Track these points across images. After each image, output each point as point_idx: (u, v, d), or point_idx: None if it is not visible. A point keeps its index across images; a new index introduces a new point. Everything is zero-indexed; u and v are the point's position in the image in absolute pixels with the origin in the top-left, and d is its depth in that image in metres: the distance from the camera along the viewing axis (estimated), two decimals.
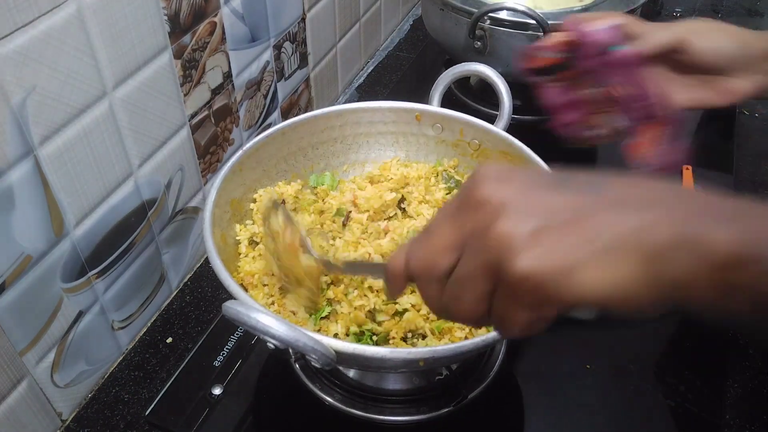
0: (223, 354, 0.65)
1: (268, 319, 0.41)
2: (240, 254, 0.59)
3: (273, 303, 0.55)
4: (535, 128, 0.93)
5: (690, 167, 0.83)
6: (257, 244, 0.60)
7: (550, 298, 0.30)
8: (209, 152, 0.74)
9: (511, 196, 0.31)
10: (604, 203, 0.31)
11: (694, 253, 0.28)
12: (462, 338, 0.53)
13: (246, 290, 0.54)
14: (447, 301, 0.34)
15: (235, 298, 0.46)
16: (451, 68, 0.70)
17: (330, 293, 0.55)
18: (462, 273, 0.33)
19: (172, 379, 0.64)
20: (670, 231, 0.29)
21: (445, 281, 0.34)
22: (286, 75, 0.86)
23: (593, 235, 0.29)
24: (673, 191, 0.31)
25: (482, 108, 0.92)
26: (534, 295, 0.30)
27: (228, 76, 0.73)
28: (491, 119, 0.67)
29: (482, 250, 0.31)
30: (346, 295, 0.54)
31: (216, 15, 0.67)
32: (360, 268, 0.52)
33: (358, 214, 0.62)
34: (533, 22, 0.80)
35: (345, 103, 1.03)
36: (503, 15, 0.82)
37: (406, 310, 0.53)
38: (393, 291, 0.38)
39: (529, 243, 0.30)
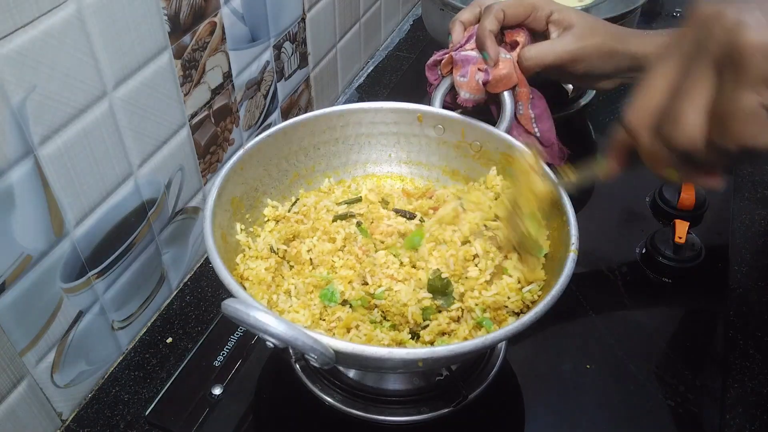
0: (223, 354, 0.65)
1: (267, 317, 0.41)
2: (240, 253, 0.59)
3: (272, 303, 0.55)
4: None
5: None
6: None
7: None
8: (209, 152, 0.74)
9: (729, 5, 0.31)
10: None
11: None
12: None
13: (245, 289, 0.54)
14: (665, 129, 0.33)
15: (234, 297, 0.46)
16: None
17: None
18: (685, 88, 0.32)
19: (172, 379, 0.64)
20: None
21: (670, 117, 0.33)
22: (286, 75, 0.86)
23: None
24: None
25: (480, 103, 0.92)
26: (766, 63, 0.29)
27: (228, 76, 0.73)
28: (492, 121, 0.67)
29: (707, 51, 0.31)
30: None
31: (216, 15, 0.67)
32: (585, 175, 0.52)
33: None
34: None
35: (345, 103, 1.03)
36: None
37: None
38: (614, 168, 0.41)
39: (759, 20, 0.29)
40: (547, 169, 0.58)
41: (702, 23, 0.32)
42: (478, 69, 0.65)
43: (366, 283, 0.55)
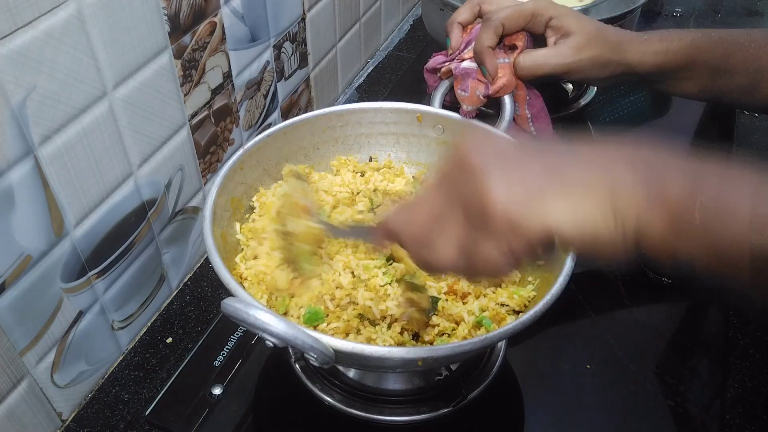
0: (223, 354, 0.65)
1: (267, 316, 0.41)
2: (239, 252, 0.59)
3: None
4: None
5: None
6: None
7: (520, 228, 0.34)
8: (209, 152, 0.74)
9: (487, 160, 0.36)
10: (574, 162, 0.36)
11: (651, 194, 0.33)
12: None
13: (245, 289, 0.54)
14: (425, 252, 0.39)
15: (234, 296, 0.46)
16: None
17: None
18: (441, 223, 0.38)
19: (172, 379, 0.64)
20: (632, 178, 0.34)
21: (428, 242, 0.39)
22: (286, 75, 0.86)
23: (563, 179, 0.35)
24: (634, 150, 0.36)
25: (481, 108, 0.92)
26: (506, 225, 0.34)
27: (228, 76, 0.73)
28: (491, 120, 0.67)
29: (461, 197, 0.37)
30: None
31: (216, 15, 0.67)
32: (355, 232, 0.53)
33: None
34: None
35: (345, 103, 1.03)
36: None
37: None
38: (377, 249, 0.47)
39: (505, 188, 0.35)
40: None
41: (466, 169, 0.37)
42: (479, 81, 0.65)
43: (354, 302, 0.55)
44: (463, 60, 0.67)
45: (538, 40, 0.67)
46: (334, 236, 0.54)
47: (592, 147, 0.37)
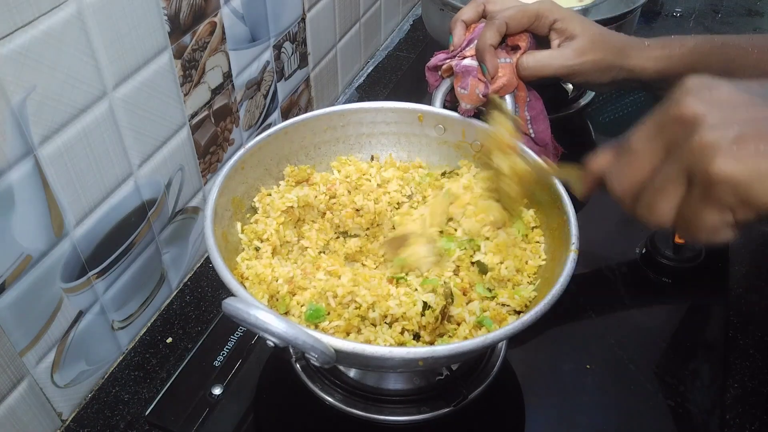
0: (223, 354, 0.65)
1: (268, 316, 0.41)
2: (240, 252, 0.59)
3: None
4: None
5: None
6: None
7: (749, 200, 0.31)
8: (209, 152, 0.74)
9: (712, 110, 0.33)
10: None
11: None
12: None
13: (245, 288, 0.54)
14: (640, 208, 0.37)
15: (235, 296, 0.46)
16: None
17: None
18: (660, 181, 0.35)
19: (172, 379, 0.63)
20: None
21: (645, 198, 0.37)
22: (286, 75, 0.86)
23: None
24: None
25: (481, 108, 0.92)
26: (733, 195, 0.31)
27: (228, 76, 0.73)
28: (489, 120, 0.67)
29: (682, 158, 0.33)
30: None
31: (216, 15, 0.67)
32: (563, 173, 0.52)
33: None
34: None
35: (345, 103, 1.03)
36: None
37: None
38: (585, 193, 0.44)
39: (731, 148, 0.31)
40: (526, 150, 0.58)
41: (685, 121, 0.34)
42: (479, 79, 0.65)
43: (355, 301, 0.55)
44: (464, 57, 0.67)
45: (541, 42, 0.67)
46: (541, 177, 0.54)
47: None
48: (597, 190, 0.43)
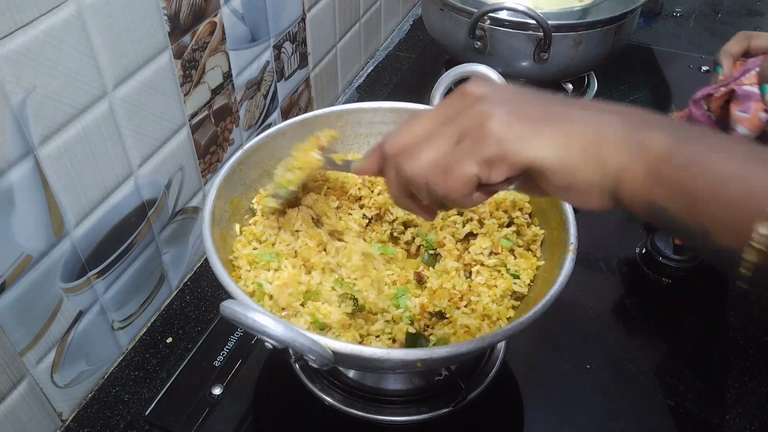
0: (223, 354, 0.65)
1: (265, 318, 0.41)
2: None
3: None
4: None
5: None
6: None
7: (506, 156, 0.35)
8: (209, 152, 0.74)
9: (494, 92, 0.38)
10: (571, 105, 0.37)
11: (633, 147, 0.34)
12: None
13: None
14: (402, 160, 0.39)
15: (233, 298, 0.46)
16: (452, 69, 0.70)
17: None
18: (432, 137, 0.38)
19: (172, 379, 0.64)
20: (620, 129, 0.35)
21: (410, 152, 0.39)
22: (286, 75, 0.86)
23: (557, 116, 0.36)
24: (629, 109, 0.37)
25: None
26: (494, 150, 0.35)
27: (228, 76, 0.73)
28: None
29: (460, 122, 0.37)
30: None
31: (216, 15, 0.67)
32: (349, 163, 0.53)
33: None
34: (533, 22, 0.80)
35: (345, 103, 1.03)
36: (503, 15, 0.82)
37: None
38: (365, 171, 0.45)
39: (503, 116, 0.36)
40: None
41: (470, 97, 0.38)
42: (764, 108, 0.64)
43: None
44: (742, 84, 0.66)
45: None
46: (330, 168, 0.56)
47: (592, 100, 0.37)
48: (377, 169, 0.43)
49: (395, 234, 0.62)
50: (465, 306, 0.54)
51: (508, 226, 0.60)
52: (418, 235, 0.61)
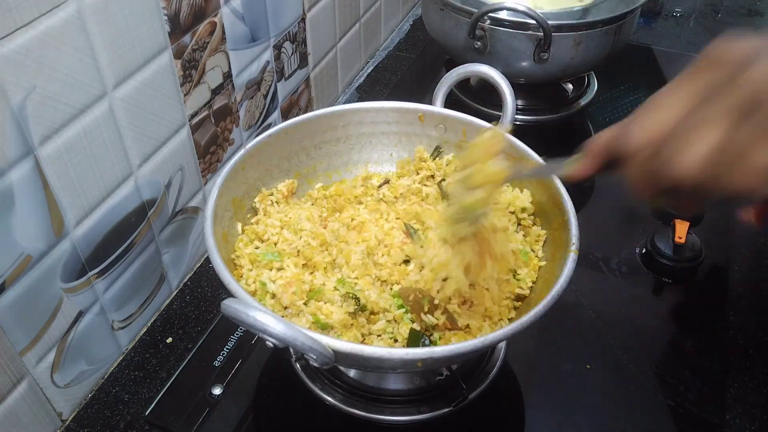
0: (223, 354, 0.65)
1: (266, 317, 0.41)
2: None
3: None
4: (537, 129, 0.93)
5: None
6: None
7: None
8: (209, 152, 0.74)
9: (760, 47, 0.29)
10: None
11: None
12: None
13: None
14: (659, 161, 0.31)
15: (234, 297, 0.46)
16: (455, 69, 0.70)
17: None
18: (693, 123, 0.30)
19: (172, 379, 0.63)
20: None
21: (669, 146, 0.31)
22: (286, 75, 0.86)
23: None
24: None
25: (482, 108, 0.92)
26: None
27: (228, 76, 0.73)
28: (490, 119, 0.67)
29: (729, 96, 0.29)
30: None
31: (216, 15, 0.67)
32: (549, 168, 0.47)
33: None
34: (533, 22, 0.80)
35: (345, 103, 1.03)
36: (503, 15, 0.82)
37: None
38: (585, 170, 0.37)
39: None
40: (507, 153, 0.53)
41: (729, 63, 0.30)
42: None
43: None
44: None
45: None
46: (517, 178, 0.49)
47: None
48: (599, 169, 0.37)
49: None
50: (468, 307, 0.54)
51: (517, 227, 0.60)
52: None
